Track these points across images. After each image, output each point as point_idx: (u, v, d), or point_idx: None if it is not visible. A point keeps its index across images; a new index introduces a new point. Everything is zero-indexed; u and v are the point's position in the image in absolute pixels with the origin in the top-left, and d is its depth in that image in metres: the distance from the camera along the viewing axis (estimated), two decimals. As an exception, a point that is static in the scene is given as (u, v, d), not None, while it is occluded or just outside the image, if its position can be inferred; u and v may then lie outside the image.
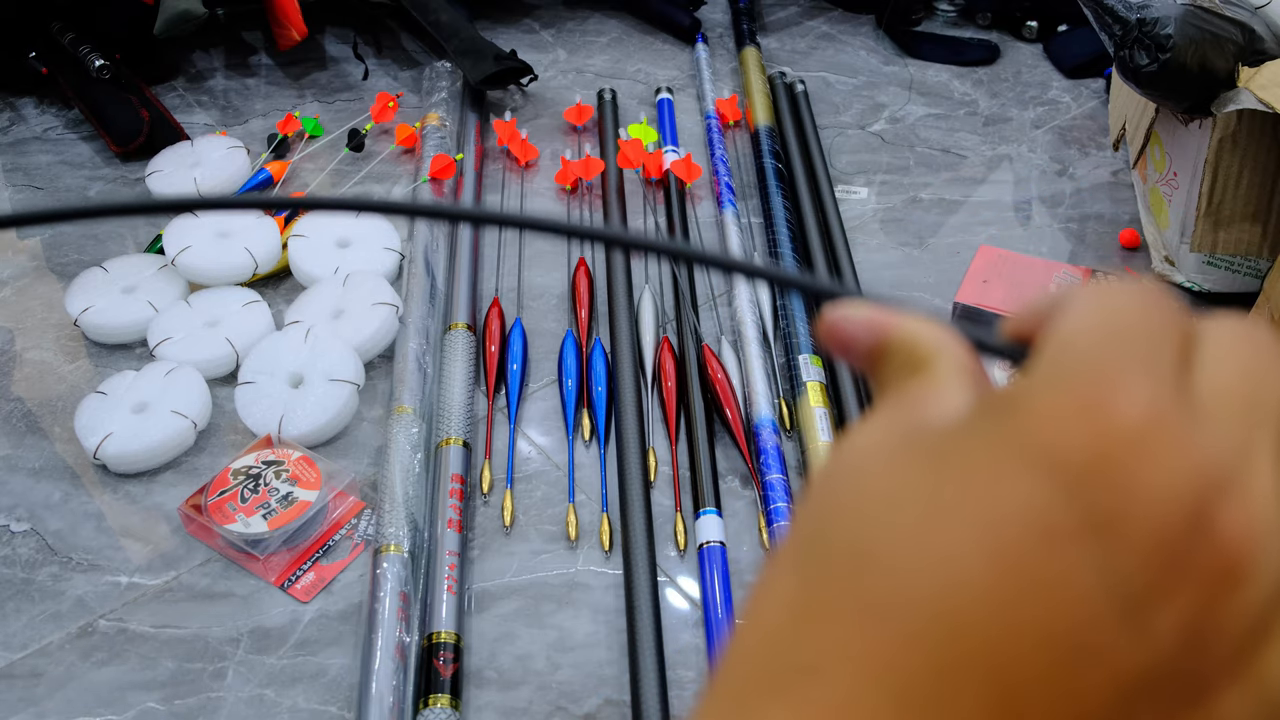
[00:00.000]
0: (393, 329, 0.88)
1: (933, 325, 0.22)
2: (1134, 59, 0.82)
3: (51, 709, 0.66)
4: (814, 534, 0.20)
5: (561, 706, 0.66)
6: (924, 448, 0.19)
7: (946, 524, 0.18)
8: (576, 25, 1.35)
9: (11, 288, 0.97)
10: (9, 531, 0.76)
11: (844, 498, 0.20)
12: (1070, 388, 0.18)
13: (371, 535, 0.75)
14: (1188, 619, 0.17)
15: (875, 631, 0.18)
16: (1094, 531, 0.17)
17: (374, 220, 0.98)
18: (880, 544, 0.18)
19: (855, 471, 0.20)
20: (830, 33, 1.33)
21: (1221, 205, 0.87)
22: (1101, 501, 0.17)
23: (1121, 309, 0.19)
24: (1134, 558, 0.17)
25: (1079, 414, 0.17)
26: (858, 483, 0.20)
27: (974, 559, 0.17)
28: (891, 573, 0.18)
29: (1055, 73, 1.25)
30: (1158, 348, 0.18)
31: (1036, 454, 0.17)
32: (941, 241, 1.01)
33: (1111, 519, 0.17)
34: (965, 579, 0.17)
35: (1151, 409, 0.17)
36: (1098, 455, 0.17)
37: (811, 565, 0.19)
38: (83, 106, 1.15)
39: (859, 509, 0.19)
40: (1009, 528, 0.17)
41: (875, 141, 1.15)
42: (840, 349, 0.23)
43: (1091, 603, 0.17)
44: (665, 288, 0.95)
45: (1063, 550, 0.17)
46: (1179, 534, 0.17)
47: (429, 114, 1.12)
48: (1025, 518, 0.17)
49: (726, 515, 0.76)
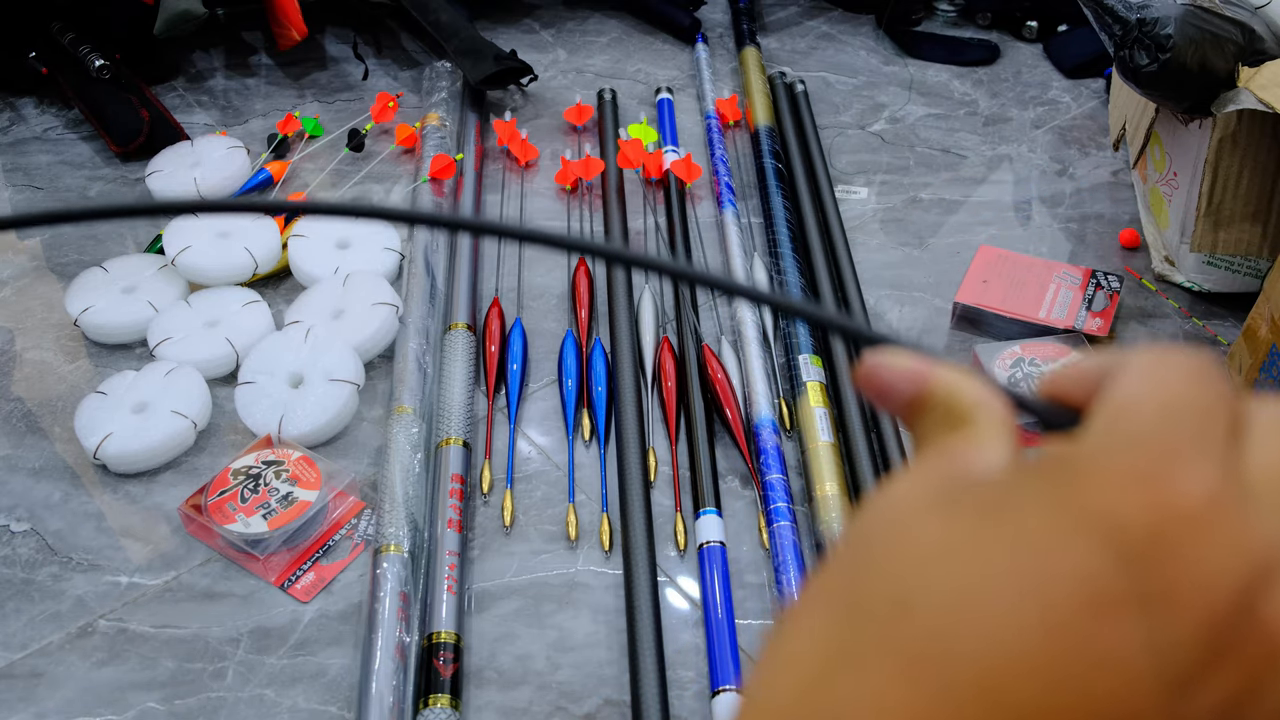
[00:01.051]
0: (393, 329, 0.88)
1: (973, 381, 0.22)
2: (1134, 59, 0.82)
3: (51, 709, 0.66)
4: (851, 582, 0.20)
5: (561, 706, 0.66)
6: (971, 502, 0.19)
7: (995, 582, 0.18)
8: (576, 25, 1.35)
9: (11, 288, 0.97)
10: (9, 531, 0.76)
11: (885, 547, 0.19)
12: (1131, 458, 0.18)
13: (371, 535, 0.75)
14: (1229, 700, 0.17)
15: (914, 684, 0.17)
16: (1145, 604, 0.17)
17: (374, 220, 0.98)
18: (925, 596, 0.18)
19: (896, 522, 0.20)
20: (830, 33, 1.33)
21: (1221, 205, 0.87)
22: (1156, 575, 0.17)
23: (1176, 381, 0.19)
24: (1183, 635, 0.17)
25: (1139, 485, 0.17)
26: (900, 533, 0.19)
27: (1022, 620, 0.17)
28: (935, 626, 0.18)
29: (1055, 73, 1.25)
30: (1213, 425, 0.18)
31: (1094, 519, 0.17)
32: (941, 241, 1.01)
33: (1165, 593, 0.17)
34: (1011, 639, 0.17)
35: (1210, 488, 0.17)
36: (1156, 528, 0.17)
37: (848, 613, 0.19)
38: (83, 106, 1.15)
39: (901, 557, 0.19)
40: (1060, 590, 0.17)
41: (875, 141, 1.15)
42: (878, 397, 0.23)
43: (1138, 676, 0.17)
44: (665, 288, 0.95)
45: (1113, 620, 0.17)
46: (1228, 615, 0.17)
47: (429, 114, 1.12)
48: (1077, 582, 0.17)
49: (726, 515, 0.76)
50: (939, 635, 0.18)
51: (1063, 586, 0.17)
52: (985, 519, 0.18)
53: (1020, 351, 0.84)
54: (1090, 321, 0.88)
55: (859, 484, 0.75)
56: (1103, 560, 0.17)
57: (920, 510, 0.19)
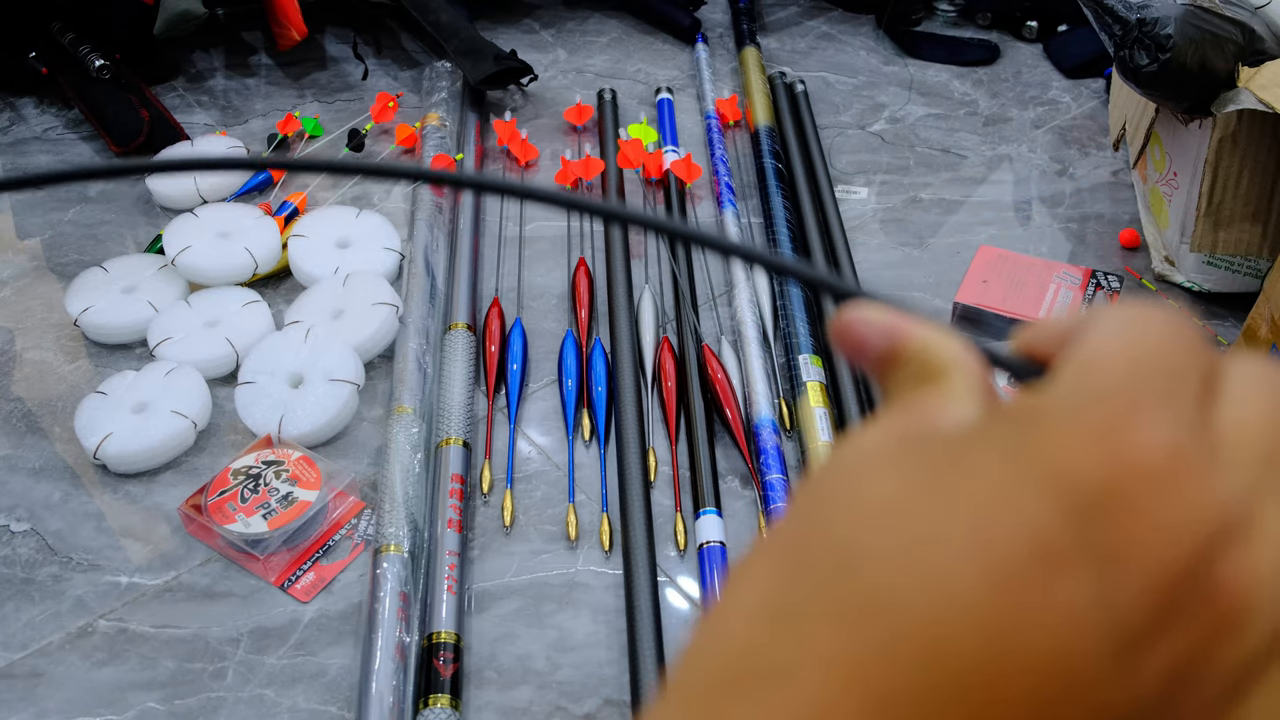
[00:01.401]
0: (393, 329, 0.88)
1: (949, 336, 0.21)
2: (1134, 59, 0.82)
3: (51, 709, 0.66)
4: (801, 533, 0.19)
5: (561, 706, 0.66)
6: (928, 455, 0.19)
7: (943, 534, 0.17)
8: (576, 25, 1.35)
9: (11, 288, 0.97)
10: (9, 531, 0.76)
11: (837, 498, 0.19)
12: (1091, 411, 0.17)
13: (371, 535, 0.75)
14: (1177, 662, 0.16)
15: (857, 636, 0.17)
16: (1096, 562, 0.16)
17: (374, 220, 0.98)
18: (871, 548, 0.18)
19: (852, 473, 0.19)
20: (830, 33, 1.33)
21: (1221, 205, 0.87)
22: (1109, 531, 0.16)
23: (1148, 335, 0.18)
24: (1134, 594, 0.16)
25: (1097, 439, 0.17)
26: (854, 484, 0.19)
27: (967, 572, 0.17)
28: (880, 579, 0.17)
29: (1055, 73, 1.25)
30: (1183, 380, 0.18)
31: (1046, 473, 0.17)
32: (941, 241, 1.01)
33: (1117, 551, 0.16)
34: (955, 592, 0.17)
35: (1171, 444, 0.17)
36: (1111, 484, 0.17)
37: (795, 563, 0.19)
38: (83, 106, 1.15)
39: (852, 510, 0.19)
40: (1007, 543, 0.17)
41: (875, 141, 1.15)
42: (852, 351, 0.23)
43: (1084, 634, 0.16)
44: (665, 288, 0.95)
45: (1060, 576, 0.16)
46: (1182, 575, 0.16)
47: (429, 114, 1.12)
48: (1026, 535, 0.17)
49: (726, 515, 0.76)
50: (883, 587, 0.17)
51: (1010, 539, 0.17)
52: (941, 472, 0.18)
53: (1020, 351, 0.84)
54: (1090, 321, 0.88)
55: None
56: (1053, 514, 0.17)
57: (878, 463, 0.19)
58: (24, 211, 1.06)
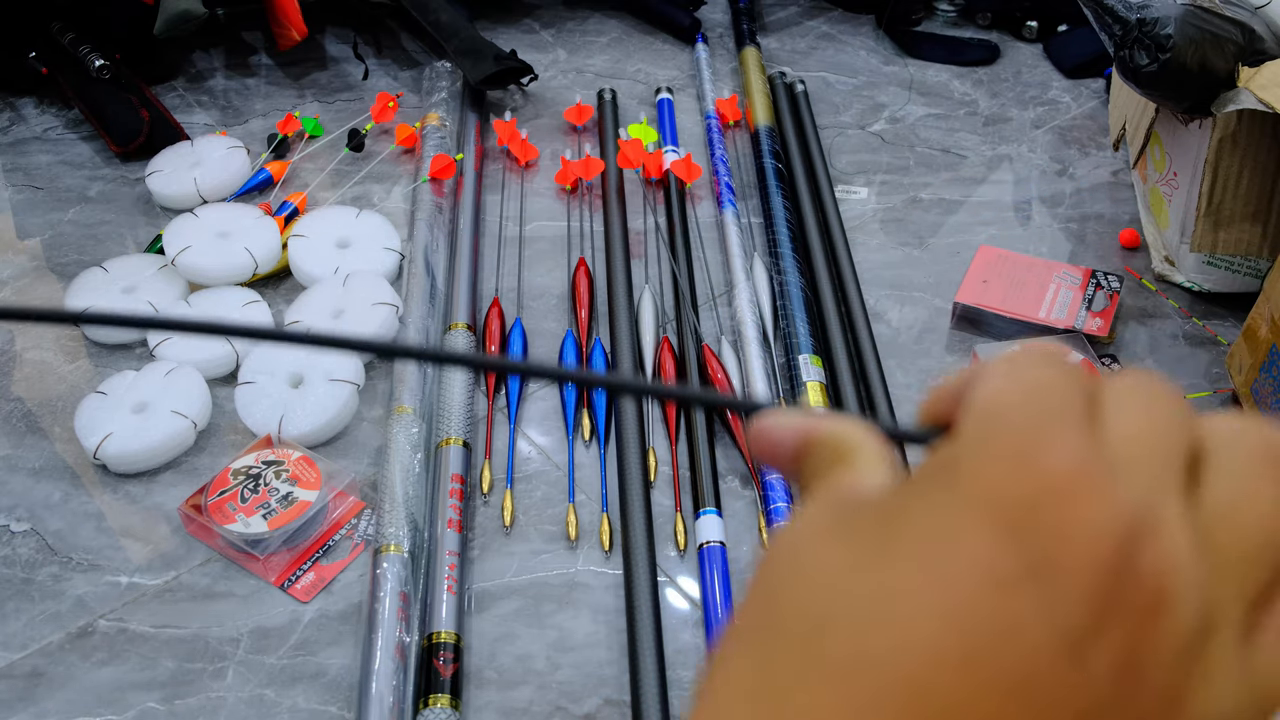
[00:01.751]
0: (393, 329, 0.88)
1: (852, 421, 0.23)
2: (1134, 59, 0.82)
3: (51, 709, 0.66)
4: (765, 614, 0.20)
5: (561, 706, 0.66)
6: (864, 520, 0.20)
7: (900, 585, 0.19)
8: (576, 25, 1.35)
9: (11, 288, 0.97)
10: (9, 531, 0.76)
11: (793, 576, 0.20)
12: (1000, 443, 0.19)
13: (371, 535, 0.75)
14: (1122, 656, 0.18)
15: (844, 697, 0.18)
16: (1035, 576, 0.18)
17: (374, 220, 0.98)
18: (837, 612, 0.19)
19: (800, 551, 0.21)
20: (830, 33, 1.33)
21: (1221, 205, 0.87)
22: (1039, 545, 0.18)
23: (1032, 372, 0.20)
24: (1072, 599, 0.18)
25: (1012, 465, 0.19)
26: (805, 560, 0.20)
27: (932, 615, 0.18)
28: (854, 639, 0.18)
29: (1055, 73, 1.25)
30: (1071, 404, 0.20)
31: (979, 505, 0.18)
32: (941, 241, 1.01)
33: (1049, 561, 0.18)
34: (926, 637, 0.18)
35: (1075, 458, 0.18)
36: (1032, 500, 0.18)
37: (767, 643, 0.20)
38: (83, 106, 1.15)
39: (810, 583, 0.20)
40: (960, 577, 0.18)
41: (875, 141, 1.15)
42: (768, 454, 0.24)
43: (1038, 643, 0.18)
44: (665, 288, 0.95)
45: (1011, 597, 0.18)
46: (1108, 574, 0.18)
47: (429, 114, 1.12)
48: (974, 567, 0.18)
49: (726, 515, 0.76)
50: (858, 646, 0.18)
51: (962, 573, 0.18)
52: (882, 531, 0.20)
53: (1020, 351, 0.84)
54: (1090, 321, 0.88)
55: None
56: (993, 540, 0.18)
57: (821, 537, 0.21)
58: (24, 211, 1.06)
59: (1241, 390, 0.80)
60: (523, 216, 1.04)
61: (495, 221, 1.04)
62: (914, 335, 0.91)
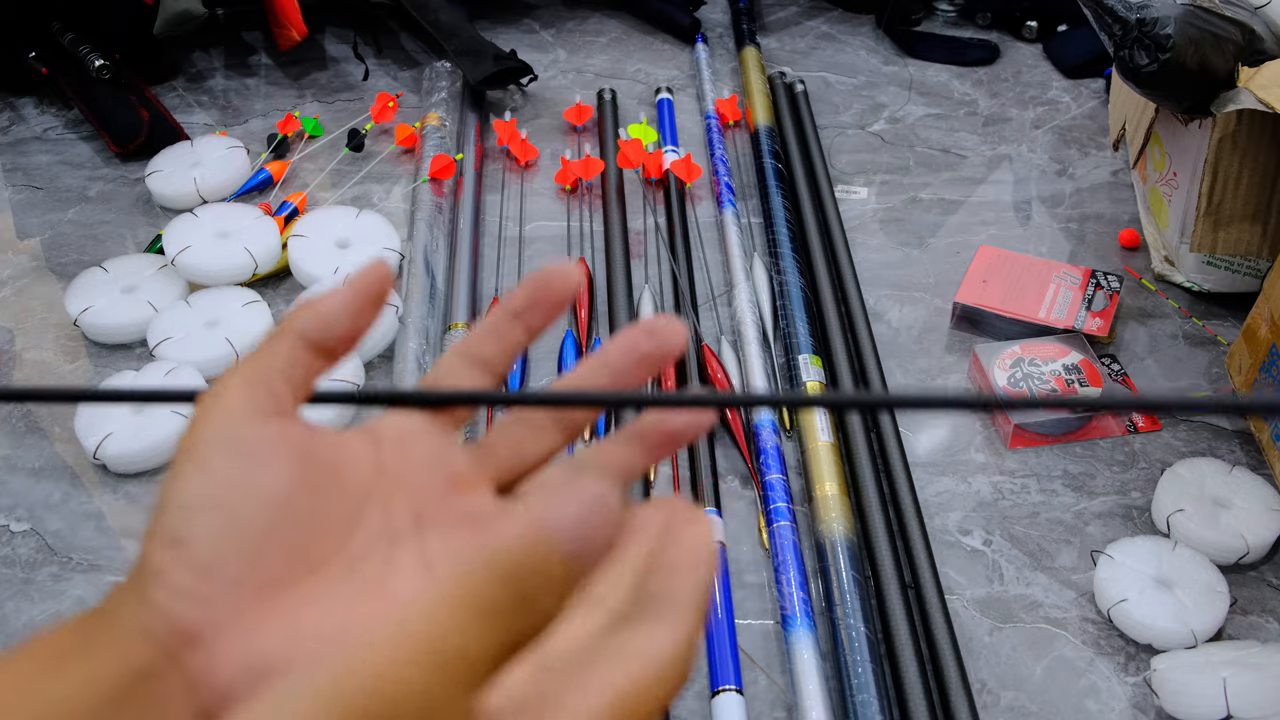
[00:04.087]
0: (393, 329, 0.88)
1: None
2: (1134, 59, 0.82)
3: (51, 709, 0.66)
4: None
5: (561, 706, 0.66)
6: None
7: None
8: (576, 25, 1.35)
9: (11, 288, 0.97)
10: (9, 531, 0.76)
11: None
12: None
13: (371, 535, 0.75)
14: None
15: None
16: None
17: (374, 220, 0.98)
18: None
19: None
20: (830, 33, 1.33)
21: (1221, 205, 0.87)
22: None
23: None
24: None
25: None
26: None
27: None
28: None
29: (1055, 73, 1.25)
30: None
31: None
32: (941, 241, 1.01)
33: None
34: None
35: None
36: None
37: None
38: (83, 106, 1.15)
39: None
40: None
41: (875, 141, 1.15)
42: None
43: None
44: (665, 288, 0.95)
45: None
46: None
47: (429, 114, 1.12)
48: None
49: (726, 515, 0.76)
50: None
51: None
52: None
53: (1020, 351, 0.84)
54: (1090, 321, 0.88)
55: (859, 484, 0.75)
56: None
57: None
58: (24, 211, 1.06)
59: (1241, 391, 0.80)
60: (523, 216, 1.04)
61: (495, 221, 1.04)
62: (914, 335, 0.91)
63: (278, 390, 0.26)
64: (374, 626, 0.22)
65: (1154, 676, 0.65)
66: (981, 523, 0.76)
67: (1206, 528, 0.71)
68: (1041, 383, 0.82)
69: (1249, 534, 0.71)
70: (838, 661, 0.65)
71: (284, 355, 0.27)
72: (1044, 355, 0.84)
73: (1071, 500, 0.77)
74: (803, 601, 0.68)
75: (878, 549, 0.71)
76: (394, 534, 0.27)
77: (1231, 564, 0.71)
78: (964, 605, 0.70)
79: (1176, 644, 0.67)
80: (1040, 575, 0.72)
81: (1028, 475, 0.79)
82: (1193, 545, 0.71)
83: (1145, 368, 0.87)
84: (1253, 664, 0.63)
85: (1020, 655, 0.68)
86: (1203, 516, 0.72)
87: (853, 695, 0.63)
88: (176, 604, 0.26)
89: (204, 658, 0.25)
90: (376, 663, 0.18)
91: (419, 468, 0.28)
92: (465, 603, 0.19)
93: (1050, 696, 0.66)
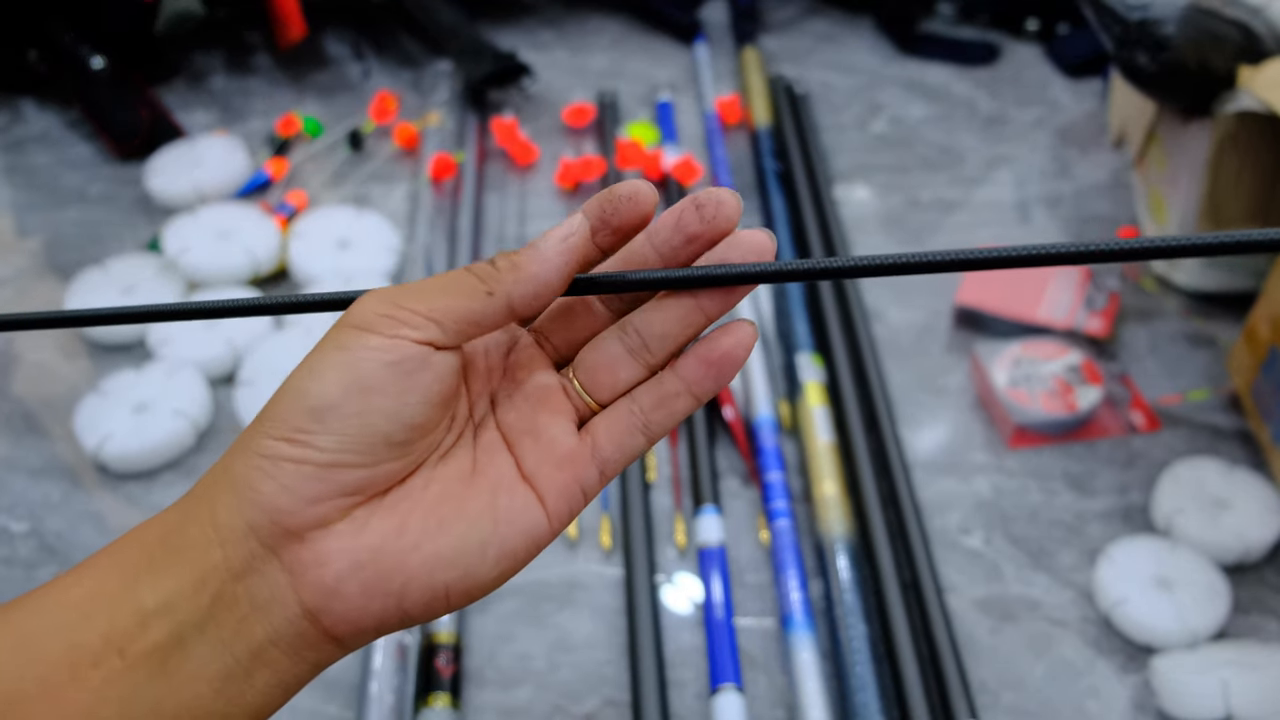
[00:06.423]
0: (393, 329, 0.88)
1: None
2: (1134, 59, 0.82)
3: (51, 709, 0.66)
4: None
5: (561, 706, 0.66)
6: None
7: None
8: (576, 25, 1.35)
9: (11, 288, 0.97)
10: (9, 531, 0.76)
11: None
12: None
13: (371, 535, 0.75)
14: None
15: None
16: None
17: (374, 220, 0.98)
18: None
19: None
20: (830, 33, 1.33)
21: (1221, 205, 0.87)
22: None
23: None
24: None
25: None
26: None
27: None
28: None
29: (1055, 73, 1.25)
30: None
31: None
32: (941, 241, 1.01)
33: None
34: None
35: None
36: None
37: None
38: (83, 106, 1.15)
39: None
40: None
41: (875, 141, 1.15)
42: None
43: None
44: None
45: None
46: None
47: (429, 114, 1.12)
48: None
49: (726, 515, 0.76)
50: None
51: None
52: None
53: (1020, 351, 0.84)
54: (1090, 321, 0.88)
55: (859, 484, 0.75)
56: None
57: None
58: (24, 211, 1.06)
59: (1241, 391, 0.80)
60: (523, 216, 1.04)
61: (495, 222, 1.04)
62: (914, 335, 0.91)
63: (449, 330, 0.28)
64: (471, 521, 0.28)
65: (1154, 677, 0.65)
66: (981, 523, 0.76)
67: (1206, 528, 0.71)
68: (1041, 383, 0.82)
69: (1249, 534, 0.71)
70: (838, 661, 0.65)
71: (477, 310, 0.28)
72: (1044, 355, 0.84)
73: (1071, 500, 0.77)
74: (803, 601, 0.68)
75: (877, 549, 0.71)
76: (477, 420, 0.31)
77: (1231, 564, 0.71)
78: (964, 605, 0.70)
79: (1176, 644, 0.67)
80: (1040, 575, 0.72)
81: (1028, 475, 0.79)
82: (1193, 545, 0.71)
83: (1145, 368, 0.87)
84: (1253, 664, 0.63)
85: (1020, 655, 0.68)
86: (1203, 516, 0.72)
87: (852, 695, 0.63)
88: (283, 498, 0.27)
89: (309, 554, 0.26)
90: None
91: (491, 353, 0.32)
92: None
93: (1050, 696, 0.66)
